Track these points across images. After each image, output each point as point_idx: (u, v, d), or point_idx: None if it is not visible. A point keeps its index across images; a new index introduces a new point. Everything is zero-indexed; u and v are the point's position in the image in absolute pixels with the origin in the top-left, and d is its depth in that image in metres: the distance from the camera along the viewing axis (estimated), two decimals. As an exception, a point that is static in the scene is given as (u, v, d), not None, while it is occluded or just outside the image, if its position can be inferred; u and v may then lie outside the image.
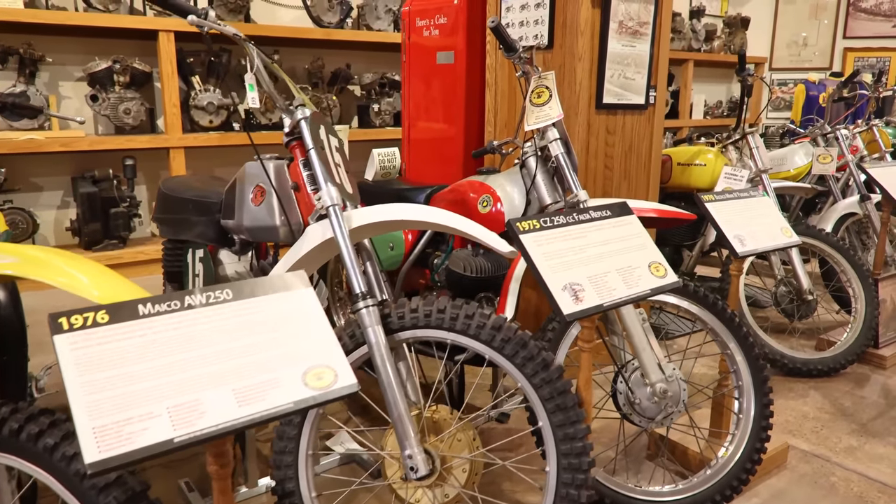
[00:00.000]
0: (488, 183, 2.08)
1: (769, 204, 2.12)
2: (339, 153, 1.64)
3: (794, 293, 2.95)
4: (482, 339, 1.38)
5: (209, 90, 4.57)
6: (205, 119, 4.59)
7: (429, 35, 3.04)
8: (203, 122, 4.59)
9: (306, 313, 1.01)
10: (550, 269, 1.20)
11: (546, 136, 1.93)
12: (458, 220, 1.47)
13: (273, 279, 1.04)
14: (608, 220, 1.38)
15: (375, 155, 2.53)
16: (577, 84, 2.53)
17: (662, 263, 1.38)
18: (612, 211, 1.41)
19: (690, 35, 7.58)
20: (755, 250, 1.92)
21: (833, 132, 3.63)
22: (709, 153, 3.27)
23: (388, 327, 1.44)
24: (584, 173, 2.64)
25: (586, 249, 1.29)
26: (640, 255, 1.36)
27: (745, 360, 1.86)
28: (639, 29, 2.65)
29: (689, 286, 1.88)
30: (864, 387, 2.76)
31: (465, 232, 1.46)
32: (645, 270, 1.34)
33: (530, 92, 1.81)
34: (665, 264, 1.39)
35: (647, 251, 1.38)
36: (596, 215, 1.37)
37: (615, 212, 1.41)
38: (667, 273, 1.37)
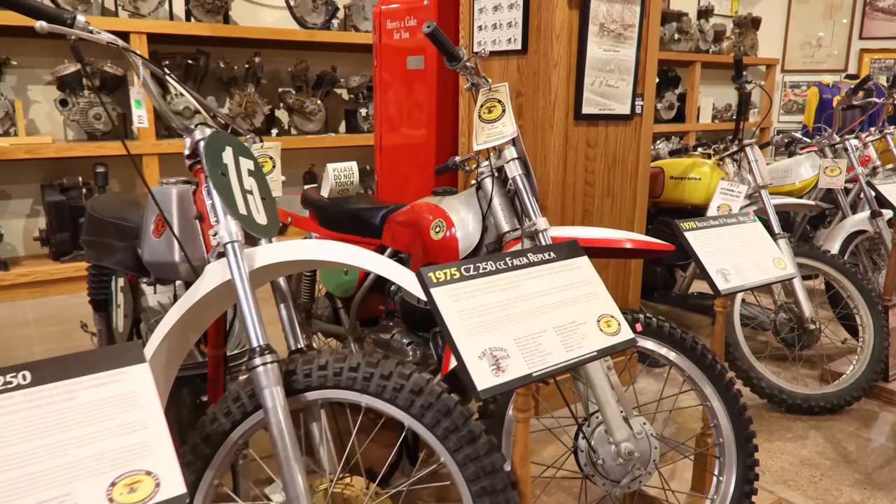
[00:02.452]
0: (442, 206, 1.85)
1: (760, 231, 1.88)
2: (255, 177, 1.42)
3: (795, 321, 2.70)
4: (399, 403, 1.16)
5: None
6: (181, 124, 4.38)
7: (399, 38, 2.82)
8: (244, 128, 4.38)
9: (132, 400, 0.80)
10: (466, 332, 0.97)
11: (503, 156, 1.70)
12: (369, 259, 1.25)
13: (100, 353, 0.83)
14: (551, 264, 1.16)
15: (330, 170, 2.32)
16: (552, 93, 2.30)
17: (616, 317, 1.15)
18: (558, 252, 1.19)
19: (698, 36, 7.30)
20: (741, 287, 1.69)
21: (842, 142, 3.37)
22: (704, 166, 3.02)
23: (293, 386, 1.23)
24: (562, 190, 2.41)
25: (518, 303, 1.06)
26: (588, 307, 1.14)
27: (727, 413, 1.63)
28: (623, 32, 2.41)
29: (663, 327, 1.65)
30: (871, 427, 2.51)
31: (377, 271, 1.25)
32: (592, 327, 1.11)
33: (479, 106, 1.59)
34: (619, 318, 1.16)
35: (598, 302, 1.15)
36: (535, 258, 1.14)
37: (561, 253, 1.19)
38: (620, 329, 1.14)
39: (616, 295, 2.70)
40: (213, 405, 1.25)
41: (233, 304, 1.40)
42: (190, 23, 4.31)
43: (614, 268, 2.66)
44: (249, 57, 4.59)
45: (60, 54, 4.20)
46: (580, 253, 1.22)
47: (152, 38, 4.16)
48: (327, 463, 1.28)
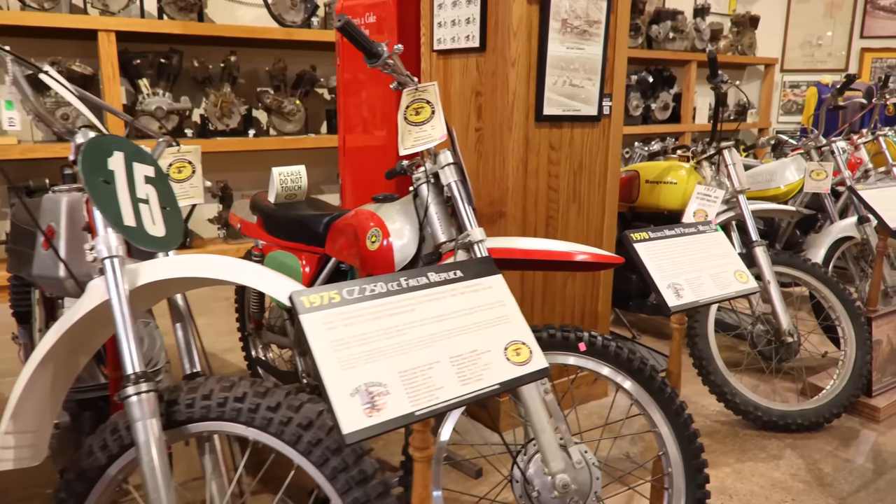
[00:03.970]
0: (379, 214, 1.73)
1: (722, 242, 1.75)
2: (155, 185, 1.30)
3: (773, 333, 2.57)
4: (285, 438, 1.05)
5: (158, 94, 4.27)
6: (154, 125, 4.29)
7: (360, 35, 2.69)
8: (152, 127, 4.28)
9: None
10: (338, 365, 0.85)
11: (438, 161, 1.58)
12: (249, 274, 1.12)
13: None
14: (456, 284, 1.03)
15: (276, 174, 2.20)
16: (510, 93, 2.18)
17: (527, 344, 1.03)
18: (467, 271, 1.06)
19: (694, 35, 7.15)
20: (694, 303, 1.56)
21: (828, 145, 3.23)
22: (681, 169, 2.89)
23: (174, 417, 1.11)
24: (523, 195, 2.29)
25: (409, 331, 0.94)
26: (495, 333, 1.01)
27: (676, 441, 1.50)
28: (588, 29, 2.28)
29: (608, 346, 1.52)
30: (850, 446, 2.37)
31: (258, 287, 1.12)
32: (497, 356, 0.99)
33: (405, 107, 1.47)
34: (532, 345, 1.03)
35: (508, 327, 1.03)
36: (437, 278, 1.02)
37: (470, 272, 1.07)
38: (531, 357, 1.02)
39: (584, 306, 2.57)
40: (89, 437, 1.14)
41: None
42: (162, 20, 4.21)
43: (582, 277, 2.53)
44: (225, 56, 4.48)
45: (27, 54, 4.10)
46: (493, 271, 1.10)
47: (123, 37, 4.06)
48: (217, 499, 1.16)
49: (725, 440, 2.40)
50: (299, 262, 2.08)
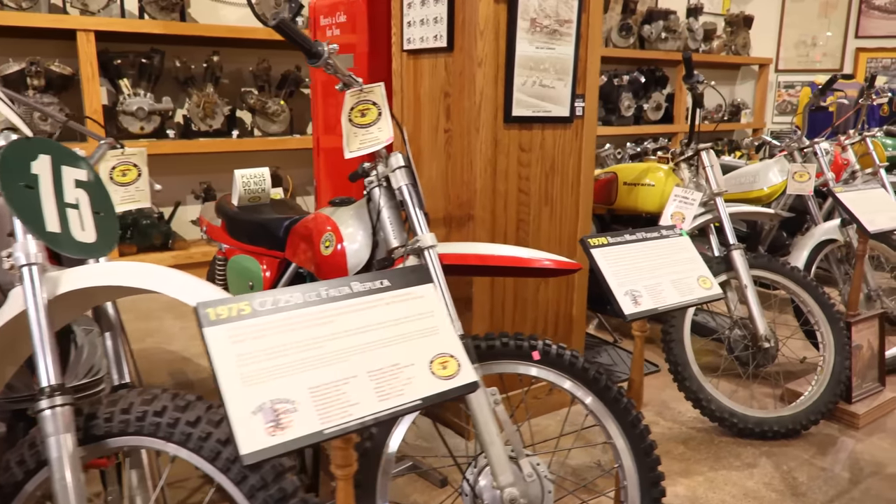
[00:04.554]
0: (334, 218, 1.69)
1: (686, 247, 1.70)
2: (87, 189, 1.26)
3: (750, 338, 2.52)
4: (204, 454, 1.00)
5: (139, 94, 4.23)
6: (135, 125, 4.25)
7: (331, 35, 2.66)
8: (133, 128, 4.25)
9: None
10: (241, 381, 0.81)
11: (389, 163, 1.54)
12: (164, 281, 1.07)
13: None
14: (382, 294, 0.99)
15: (238, 177, 2.16)
16: (477, 93, 2.13)
17: (456, 357, 0.98)
18: (395, 280, 1.02)
19: (686, 34, 7.10)
20: (653, 310, 1.51)
21: (811, 146, 3.18)
22: (659, 171, 2.84)
23: (92, 432, 1.07)
24: (492, 198, 2.24)
25: (324, 344, 0.90)
26: (421, 345, 0.97)
27: (632, 454, 1.45)
28: (558, 28, 2.24)
29: (562, 355, 1.48)
30: (827, 453, 2.32)
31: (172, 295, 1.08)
32: (421, 369, 0.95)
33: (349, 109, 1.42)
34: (461, 358, 0.99)
35: (436, 339, 0.99)
36: (362, 287, 0.97)
37: (399, 281, 1.02)
38: (458, 371, 0.98)
39: (559, 311, 2.53)
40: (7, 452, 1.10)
41: (57, 328, 1.24)
42: (143, 20, 4.17)
43: (555, 282, 2.49)
44: (208, 56, 4.44)
45: (5, 54, 4.06)
46: (425, 280, 1.05)
47: (103, 37, 4.02)
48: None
49: (700, 447, 2.36)
50: (260, 267, 2.04)
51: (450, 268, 1.55)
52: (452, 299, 2.38)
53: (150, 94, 4.28)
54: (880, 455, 2.31)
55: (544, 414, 2.53)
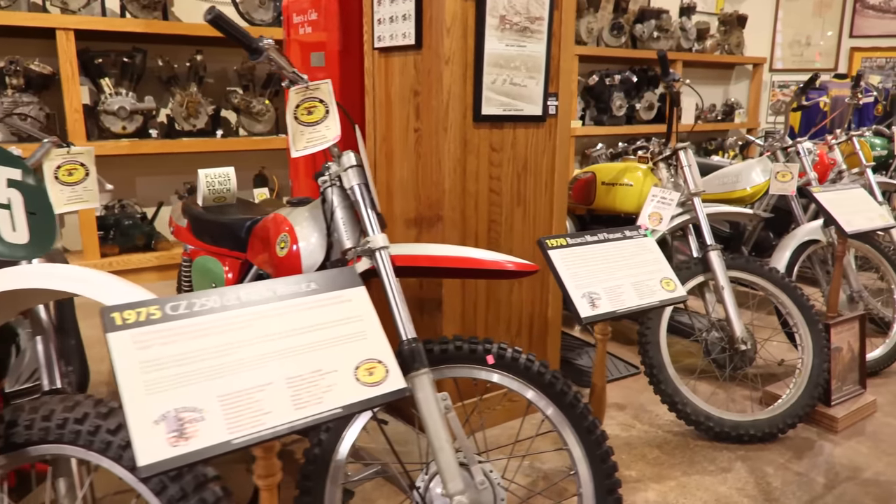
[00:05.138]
0: (290, 218, 1.66)
1: (650, 248, 1.67)
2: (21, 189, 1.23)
3: (727, 341, 2.48)
4: (124, 463, 0.97)
5: (121, 93, 4.20)
6: (117, 125, 4.22)
7: (304, 33, 2.62)
8: (115, 128, 4.22)
9: None
10: (143, 389, 0.77)
11: (341, 163, 1.50)
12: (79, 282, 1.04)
13: None
14: (308, 297, 0.95)
15: (202, 176, 2.12)
16: (444, 92, 2.10)
17: (384, 362, 0.95)
18: (322, 283, 0.98)
19: (679, 34, 7.06)
20: (611, 313, 1.48)
21: (794, 145, 3.14)
22: (637, 171, 2.80)
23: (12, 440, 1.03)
24: (462, 198, 2.21)
25: (239, 349, 0.86)
26: (347, 351, 0.93)
27: (587, 460, 1.42)
28: (529, 25, 2.20)
29: (517, 359, 1.44)
30: (803, 458, 2.29)
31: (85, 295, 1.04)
32: (345, 376, 0.91)
33: (294, 107, 1.39)
34: (389, 363, 0.95)
35: (363, 344, 0.95)
36: (286, 290, 0.94)
37: (326, 284, 0.98)
38: (386, 377, 0.94)
39: (533, 312, 2.49)
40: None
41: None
42: (124, 19, 4.13)
43: (529, 282, 2.45)
44: (191, 55, 4.40)
45: (-13, 52, 4.03)
46: (355, 283, 1.02)
47: (85, 35, 3.99)
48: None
49: (675, 452, 2.32)
50: (223, 268, 2.01)
51: (406, 269, 1.51)
52: (422, 301, 2.35)
53: (133, 94, 4.24)
54: (858, 459, 2.28)
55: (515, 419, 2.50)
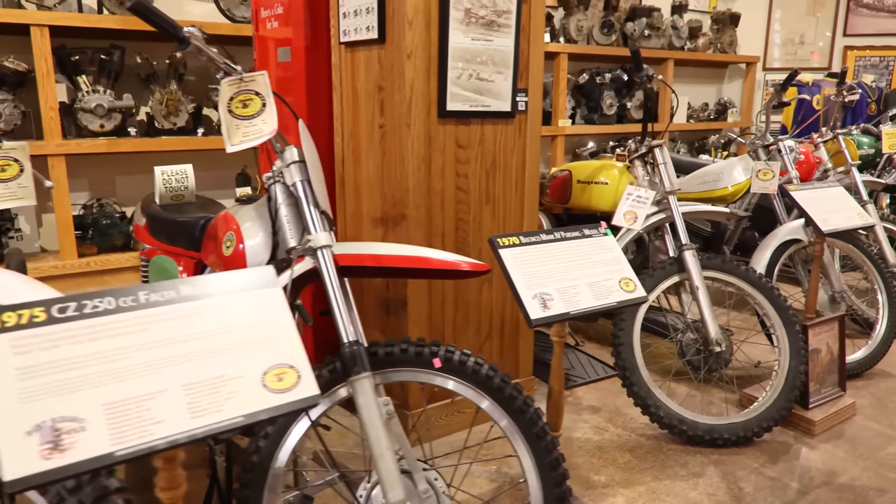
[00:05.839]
0: (237, 217, 1.60)
1: (610, 247, 1.61)
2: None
3: (701, 342, 2.43)
4: None
5: (98, 91, 4.14)
6: (95, 123, 4.16)
7: (270, 28, 2.57)
8: (93, 126, 4.16)
9: None
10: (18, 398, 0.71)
11: (284, 158, 1.45)
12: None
13: None
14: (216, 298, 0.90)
15: (158, 174, 2.07)
16: (407, 87, 2.04)
17: (296, 368, 0.89)
18: (234, 283, 0.93)
19: (671, 32, 7.00)
20: (563, 314, 1.42)
21: (775, 143, 3.09)
22: (613, 169, 2.75)
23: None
24: (427, 196, 2.15)
25: (132, 355, 0.80)
26: (255, 356, 0.88)
27: (536, 468, 1.36)
28: (496, 19, 2.15)
29: (465, 363, 1.39)
30: (778, 462, 2.23)
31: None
32: (251, 382, 0.85)
33: (228, 99, 1.34)
34: (302, 369, 0.90)
35: (274, 349, 0.89)
36: (192, 292, 0.89)
37: (240, 285, 0.93)
38: (297, 383, 0.88)
39: (504, 313, 2.44)
40: None
41: None
42: (101, 15, 4.08)
43: (500, 282, 2.40)
44: (171, 52, 4.35)
45: (-38, 49, 3.98)
46: (271, 283, 0.96)
47: (61, 32, 3.94)
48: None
49: (647, 456, 2.27)
50: (178, 268, 1.95)
51: (353, 269, 1.46)
52: (387, 301, 2.30)
53: (111, 92, 4.19)
54: (834, 463, 2.22)
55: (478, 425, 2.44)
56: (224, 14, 4.54)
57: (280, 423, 1.33)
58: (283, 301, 0.95)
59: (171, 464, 0.85)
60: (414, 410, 2.24)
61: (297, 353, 0.91)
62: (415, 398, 2.26)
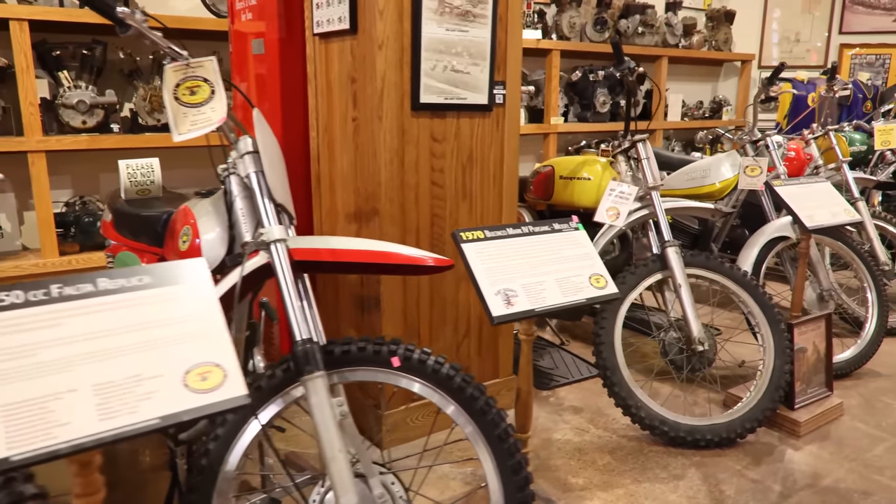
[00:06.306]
0: (194, 210, 1.55)
1: (580, 242, 1.56)
2: None
3: (684, 341, 2.37)
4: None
5: (81, 87, 4.08)
6: (77, 119, 4.10)
7: (245, 20, 2.51)
8: (75, 122, 4.10)
9: None
10: None
11: (238, 148, 1.39)
12: None
13: None
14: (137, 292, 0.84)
15: (123, 167, 2.01)
16: (378, 79, 1.99)
17: (222, 365, 0.84)
18: (159, 277, 0.87)
19: (664, 29, 6.95)
20: (528, 311, 1.37)
21: (763, 139, 3.03)
22: (596, 164, 2.69)
23: None
24: (401, 191, 2.10)
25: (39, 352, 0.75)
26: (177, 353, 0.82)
27: (497, 472, 1.30)
28: (471, 9, 2.09)
29: (425, 362, 1.33)
30: (761, 464, 2.18)
31: None
32: (171, 382, 0.80)
33: (174, 86, 1.28)
34: (228, 367, 0.84)
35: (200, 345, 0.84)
36: (111, 285, 0.83)
37: (164, 278, 0.87)
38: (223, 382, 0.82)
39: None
40: None
41: None
42: (83, 9, 4.02)
43: (477, 279, 2.34)
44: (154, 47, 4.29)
45: (-59, 44, 3.92)
46: (201, 277, 0.91)
47: (37, 26, 3.88)
48: None
49: (627, 458, 2.21)
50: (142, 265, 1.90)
51: (311, 265, 1.40)
52: (362, 298, 2.24)
53: (93, 87, 4.13)
54: (818, 466, 2.17)
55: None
56: (209, 9, 4.48)
57: (230, 424, 1.28)
58: (212, 296, 0.90)
59: (86, 469, 0.79)
60: (388, 411, 2.19)
61: (225, 351, 0.86)
62: (396, 398, 2.21)
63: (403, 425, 2.24)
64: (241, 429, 1.29)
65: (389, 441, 2.21)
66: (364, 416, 2.27)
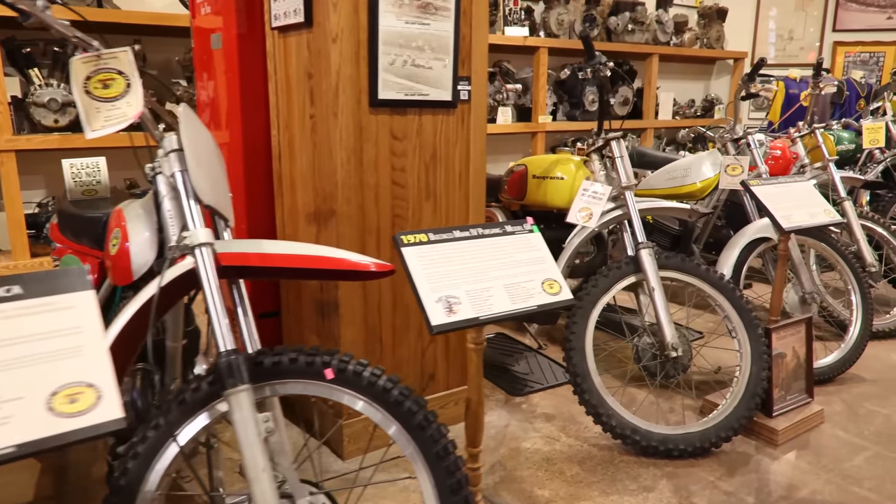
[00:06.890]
0: (125, 213, 1.46)
1: (535, 245, 1.47)
2: None
3: (657, 347, 2.29)
4: None
5: (52, 85, 4.00)
6: (48, 118, 4.01)
7: (205, 14, 2.43)
8: (46, 121, 4.01)
9: None
10: None
11: (163, 146, 1.31)
12: None
13: None
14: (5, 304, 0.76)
15: (66, 167, 1.93)
16: (333, 73, 1.90)
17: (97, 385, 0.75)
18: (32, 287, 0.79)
19: (655, 27, 6.86)
20: (472, 320, 1.28)
21: (744, 137, 2.95)
22: (570, 163, 2.61)
23: None
24: (359, 191, 2.01)
25: None
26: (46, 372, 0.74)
27: (435, 491, 1.22)
28: (432, 2, 2.01)
29: (360, 374, 1.25)
30: (735, 475, 2.09)
31: None
32: (35, 404, 0.71)
33: (84, 79, 1.20)
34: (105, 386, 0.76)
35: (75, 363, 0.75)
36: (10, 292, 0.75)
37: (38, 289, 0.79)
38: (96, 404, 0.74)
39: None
40: None
41: None
42: (55, 5, 3.93)
43: (443, 283, 2.25)
44: (129, 45, 4.20)
45: None
46: (78, 286, 0.83)
47: (9, 23, 3.79)
48: None
49: (597, 469, 2.13)
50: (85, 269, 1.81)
51: (241, 270, 1.32)
52: (322, 304, 2.16)
53: (65, 85, 4.04)
54: (794, 476, 2.08)
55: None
56: (184, 4, 4.40)
57: (149, 442, 1.20)
58: (92, 308, 0.82)
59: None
60: (348, 420, 2.10)
61: (101, 370, 0.77)
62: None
63: (365, 434, 2.16)
64: (161, 447, 1.21)
65: (350, 451, 2.12)
66: (329, 425, 2.18)
